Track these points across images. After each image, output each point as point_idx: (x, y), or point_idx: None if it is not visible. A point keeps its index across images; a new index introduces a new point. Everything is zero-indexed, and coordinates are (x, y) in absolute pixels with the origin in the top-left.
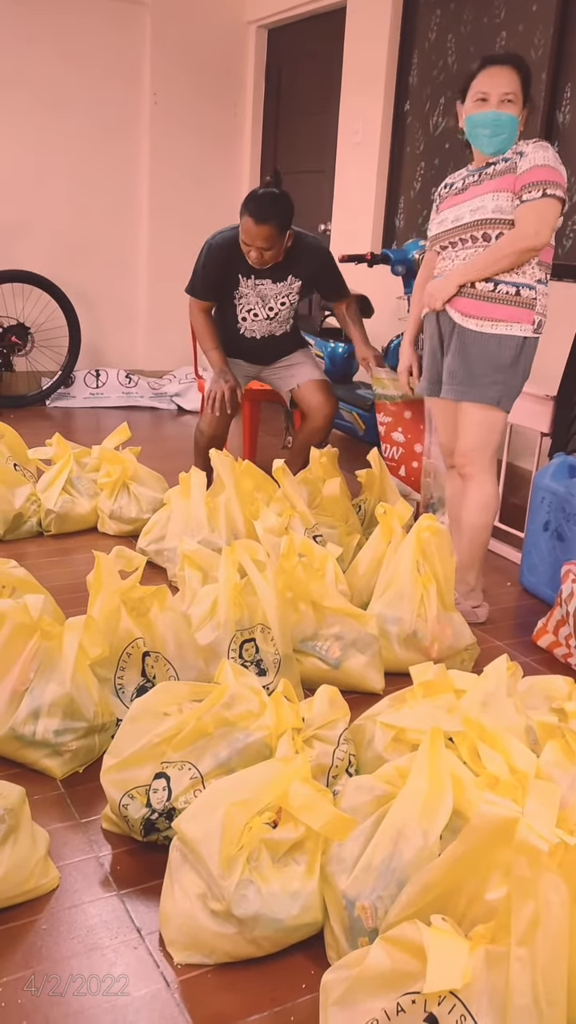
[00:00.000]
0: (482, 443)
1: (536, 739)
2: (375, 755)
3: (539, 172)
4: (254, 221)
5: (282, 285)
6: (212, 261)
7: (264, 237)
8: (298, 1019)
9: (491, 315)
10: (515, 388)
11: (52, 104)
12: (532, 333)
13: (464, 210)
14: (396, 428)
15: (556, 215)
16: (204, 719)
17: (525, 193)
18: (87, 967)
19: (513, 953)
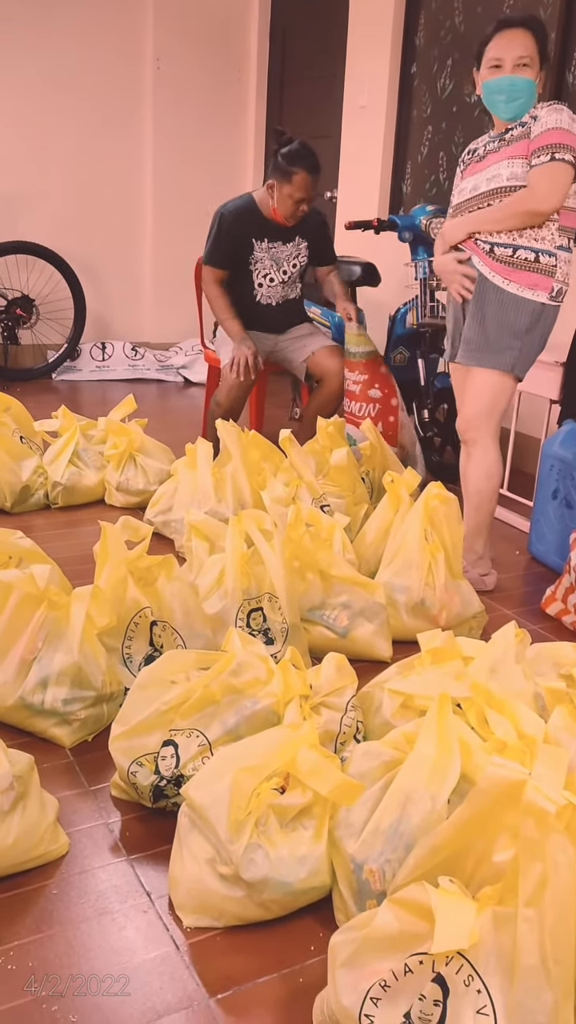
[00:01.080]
0: (488, 409)
1: (544, 705)
2: (383, 722)
3: (550, 135)
4: (311, 174)
5: (291, 246)
6: (227, 229)
7: (315, 186)
8: (307, 981)
9: (508, 276)
10: (530, 355)
11: (54, 74)
12: (550, 300)
13: (481, 179)
14: (372, 384)
15: (568, 179)
16: (212, 687)
17: (535, 158)
18: (98, 931)
19: (521, 914)
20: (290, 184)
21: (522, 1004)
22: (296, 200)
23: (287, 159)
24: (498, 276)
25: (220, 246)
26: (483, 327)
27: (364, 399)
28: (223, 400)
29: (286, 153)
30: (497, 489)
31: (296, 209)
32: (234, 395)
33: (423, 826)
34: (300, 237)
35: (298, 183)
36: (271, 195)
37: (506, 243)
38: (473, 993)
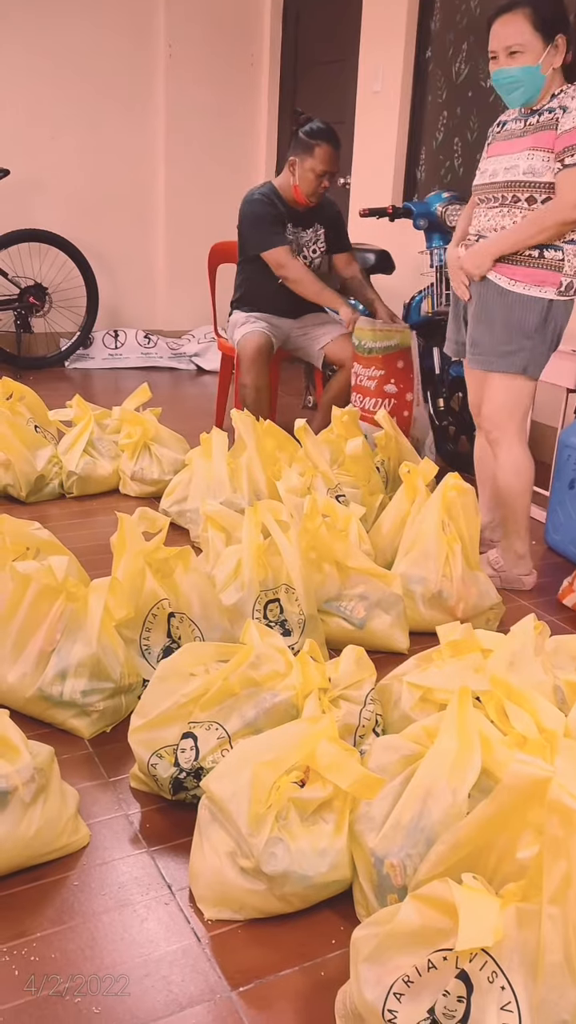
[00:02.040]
0: (508, 410)
1: (564, 698)
2: (402, 715)
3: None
4: (334, 147)
5: (311, 232)
6: (267, 209)
7: (338, 161)
8: (328, 974)
9: (512, 276)
10: (543, 354)
11: (65, 60)
12: (558, 296)
13: (500, 165)
14: (389, 380)
15: None
16: (231, 679)
17: (567, 157)
18: (119, 922)
19: (545, 911)
20: (312, 157)
21: (546, 1001)
22: (319, 174)
23: (309, 134)
24: (502, 277)
25: (270, 224)
26: (490, 329)
27: (379, 394)
28: (248, 381)
29: (308, 130)
30: (528, 487)
31: (318, 184)
32: (255, 371)
33: (444, 820)
34: (318, 223)
35: (320, 155)
36: (292, 173)
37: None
38: (497, 990)
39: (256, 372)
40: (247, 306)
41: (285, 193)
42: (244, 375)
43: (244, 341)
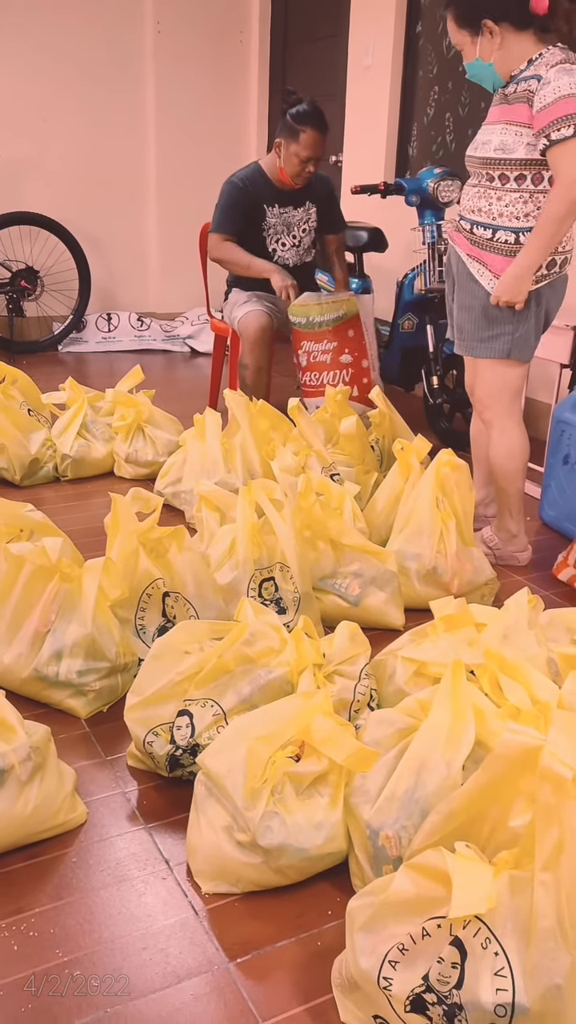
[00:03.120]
0: (499, 393)
1: (558, 671)
2: (397, 689)
3: (564, 105)
4: (320, 132)
5: (302, 211)
6: (238, 197)
7: (324, 146)
8: (324, 944)
9: (489, 264)
10: (528, 338)
11: (52, 41)
12: (535, 284)
13: (481, 138)
14: (343, 351)
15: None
16: (225, 657)
17: (553, 131)
18: (117, 897)
19: (537, 878)
20: (297, 143)
21: (539, 966)
22: (303, 159)
23: (295, 118)
24: (479, 264)
25: (230, 215)
26: (470, 316)
27: (336, 367)
28: (250, 360)
29: (295, 112)
30: (521, 469)
31: (303, 168)
32: (258, 351)
33: (438, 792)
34: (309, 202)
35: (305, 141)
36: (278, 154)
37: (485, 223)
38: (491, 956)
39: (259, 353)
40: (246, 286)
41: (271, 173)
42: (246, 355)
43: (246, 320)
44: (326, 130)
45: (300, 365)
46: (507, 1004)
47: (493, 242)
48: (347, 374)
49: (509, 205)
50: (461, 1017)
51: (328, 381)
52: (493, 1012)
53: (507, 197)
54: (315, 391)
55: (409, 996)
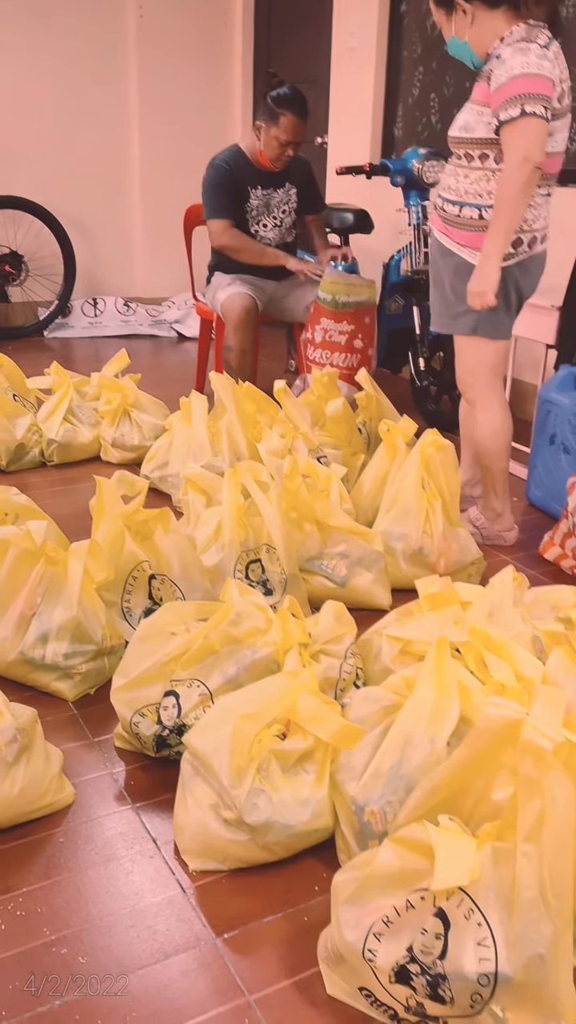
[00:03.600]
0: (476, 370)
1: (542, 648)
2: (382, 668)
3: (516, 84)
4: (299, 117)
5: (282, 192)
6: (224, 178)
7: (304, 131)
8: (311, 919)
9: (456, 239)
10: (496, 317)
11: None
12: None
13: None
14: (357, 335)
15: (541, 131)
16: (211, 637)
17: (503, 111)
18: (105, 876)
19: (520, 849)
20: (277, 126)
21: (522, 935)
22: (282, 143)
23: (276, 101)
24: (447, 238)
25: (224, 198)
26: (441, 292)
27: (349, 350)
28: (234, 342)
29: (276, 96)
30: (505, 447)
31: (282, 152)
32: (241, 333)
33: (423, 768)
34: (289, 183)
35: (285, 125)
36: (258, 136)
37: (454, 200)
38: (474, 926)
39: (242, 335)
40: (229, 269)
41: (252, 154)
42: (229, 337)
43: (230, 303)
44: (306, 115)
45: (312, 340)
46: (490, 974)
47: (460, 218)
48: (356, 359)
49: (474, 183)
50: (445, 987)
51: (338, 363)
52: (476, 982)
53: (473, 175)
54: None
55: (393, 967)
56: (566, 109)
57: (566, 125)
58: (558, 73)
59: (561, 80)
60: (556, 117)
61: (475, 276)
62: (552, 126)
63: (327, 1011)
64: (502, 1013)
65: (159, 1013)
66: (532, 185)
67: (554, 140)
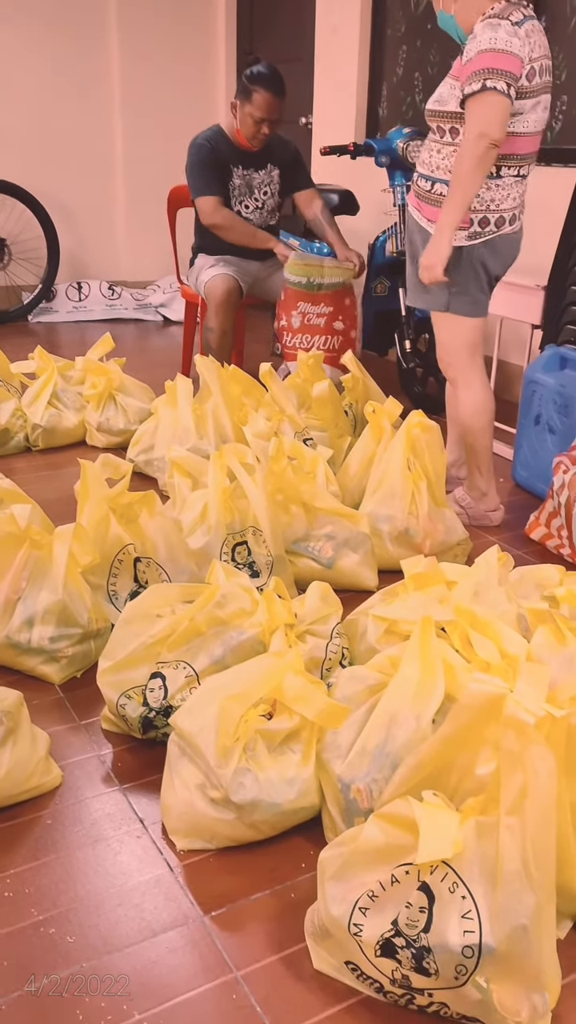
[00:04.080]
0: (454, 348)
1: (527, 626)
2: (368, 647)
3: (481, 59)
4: (274, 94)
5: (264, 173)
6: (207, 156)
7: (279, 109)
8: (298, 896)
9: (427, 215)
10: (469, 293)
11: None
12: (467, 241)
13: None
14: (337, 317)
15: (501, 107)
16: (197, 619)
17: (467, 86)
18: (93, 857)
19: (503, 822)
20: (251, 103)
21: (505, 907)
22: (256, 119)
23: (249, 79)
24: (419, 214)
25: (210, 175)
26: (415, 267)
27: (328, 332)
28: (215, 324)
29: (249, 74)
30: (488, 425)
31: (257, 130)
32: (223, 314)
33: (408, 745)
34: (272, 164)
35: (258, 102)
36: (234, 115)
37: (426, 175)
38: (458, 899)
39: (224, 316)
40: (213, 250)
41: (231, 135)
42: (211, 319)
43: (212, 284)
44: (281, 92)
45: (291, 327)
46: (474, 945)
47: (432, 194)
48: (337, 341)
49: (445, 158)
50: (429, 959)
51: (319, 345)
52: (461, 953)
53: (444, 150)
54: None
55: (379, 941)
56: (540, 88)
57: (542, 105)
58: (528, 51)
59: (533, 58)
60: (525, 95)
61: (427, 250)
62: (521, 104)
63: (314, 985)
64: (486, 984)
65: (147, 990)
66: (487, 162)
67: (525, 120)
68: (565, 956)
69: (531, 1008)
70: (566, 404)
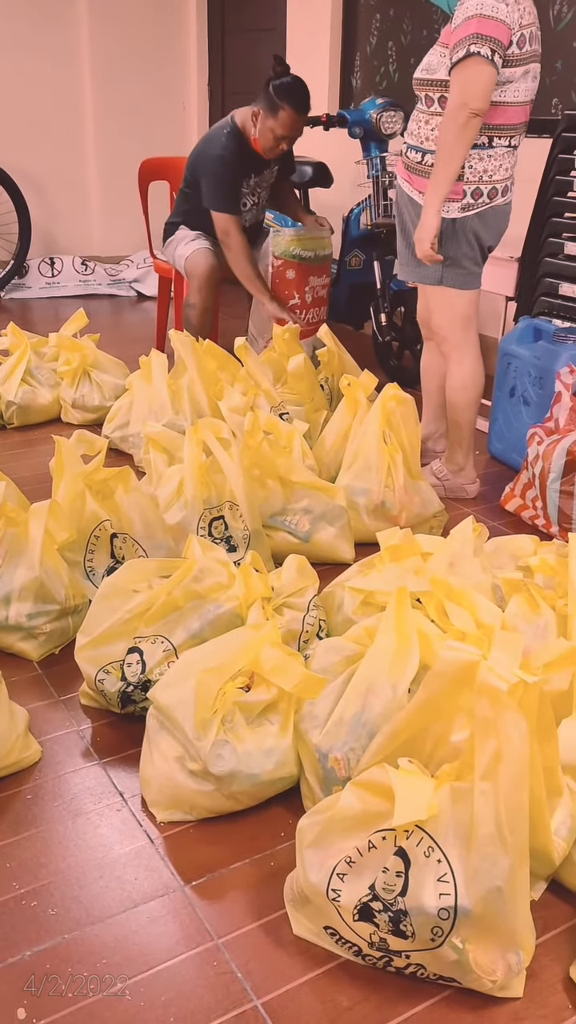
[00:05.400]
0: (448, 321)
1: (502, 596)
2: (345, 619)
3: (468, 25)
4: (300, 115)
5: (267, 172)
6: (230, 175)
7: (301, 127)
8: (277, 864)
9: (418, 187)
10: (462, 266)
11: None
12: (460, 213)
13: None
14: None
15: (486, 74)
16: (174, 593)
17: (453, 53)
18: (73, 830)
19: (477, 787)
20: (275, 119)
21: (479, 870)
22: (278, 136)
23: (278, 91)
24: (410, 186)
25: (230, 191)
26: (406, 240)
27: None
28: (197, 300)
29: (278, 85)
30: (474, 402)
31: (276, 145)
32: (206, 291)
33: (385, 714)
34: (274, 163)
35: (283, 120)
36: (253, 123)
37: (416, 146)
38: (433, 863)
39: (207, 292)
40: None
41: (248, 134)
42: (193, 295)
43: (194, 259)
44: (307, 110)
45: (304, 303)
46: (450, 907)
47: (422, 165)
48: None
49: (435, 129)
50: (406, 922)
51: (323, 316)
52: (437, 915)
53: (433, 120)
54: (313, 329)
55: (357, 906)
56: (529, 56)
57: (531, 74)
58: (517, 17)
59: (523, 24)
60: (514, 63)
61: (419, 225)
62: (511, 73)
63: (293, 950)
64: (462, 945)
65: (129, 959)
66: (470, 132)
67: (516, 88)
68: (539, 917)
69: (506, 967)
70: (540, 376)
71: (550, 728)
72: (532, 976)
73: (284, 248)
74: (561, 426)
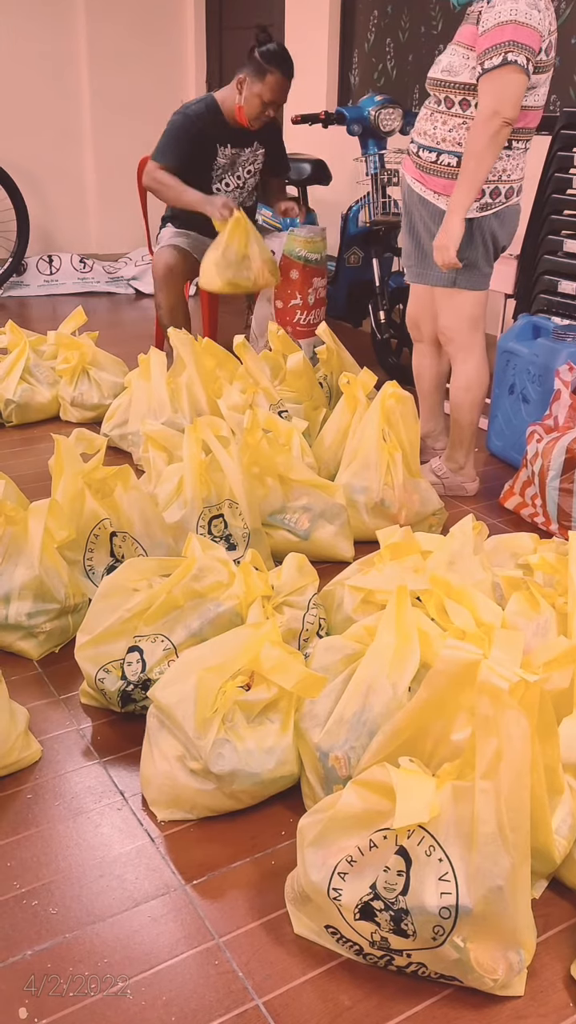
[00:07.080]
0: (456, 322)
1: (502, 594)
2: (344, 617)
3: (502, 31)
4: (286, 78)
5: (250, 151)
6: (190, 132)
7: (287, 92)
8: (278, 863)
9: (433, 187)
10: (476, 267)
11: None
12: (478, 212)
13: (438, 59)
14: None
15: (519, 85)
16: (174, 592)
17: (486, 59)
18: (74, 829)
19: (478, 786)
20: (262, 83)
21: (481, 869)
22: (265, 101)
23: (264, 57)
24: (422, 186)
25: (174, 147)
26: (417, 242)
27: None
28: (160, 300)
29: (264, 52)
30: (477, 402)
31: (263, 111)
32: (167, 290)
33: (385, 713)
34: (258, 143)
35: (271, 83)
36: (239, 91)
37: (430, 146)
38: (435, 862)
39: (166, 291)
40: (180, 222)
41: (227, 109)
42: (157, 294)
43: (156, 258)
44: (292, 75)
45: (307, 305)
46: (451, 906)
47: (438, 165)
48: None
49: (453, 130)
50: (407, 921)
51: (322, 317)
52: (438, 915)
53: (451, 122)
54: (310, 330)
55: (358, 905)
56: (551, 63)
57: (548, 79)
58: (547, 24)
59: (549, 32)
60: (540, 70)
61: (440, 231)
62: (536, 79)
63: (294, 949)
64: (463, 944)
65: (130, 958)
66: (500, 140)
67: (536, 94)
68: (540, 915)
69: (507, 966)
70: (540, 373)
71: (551, 727)
72: (533, 974)
73: (291, 248)
74: (560, 423)
